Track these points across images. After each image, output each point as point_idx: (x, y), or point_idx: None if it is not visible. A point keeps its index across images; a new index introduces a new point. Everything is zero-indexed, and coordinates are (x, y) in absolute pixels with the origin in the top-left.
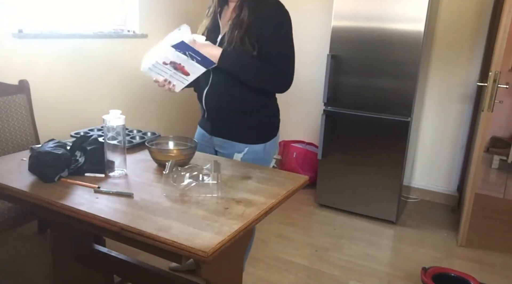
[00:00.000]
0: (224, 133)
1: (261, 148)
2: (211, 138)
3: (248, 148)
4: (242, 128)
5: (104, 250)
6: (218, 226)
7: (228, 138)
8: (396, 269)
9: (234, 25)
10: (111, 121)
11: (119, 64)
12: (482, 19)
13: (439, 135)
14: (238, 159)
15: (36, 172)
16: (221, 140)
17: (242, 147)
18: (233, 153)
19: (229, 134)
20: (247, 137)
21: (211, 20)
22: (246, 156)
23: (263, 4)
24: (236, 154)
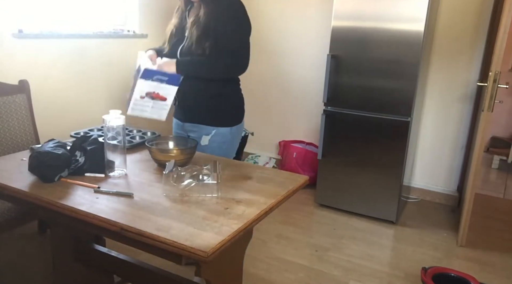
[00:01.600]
0: (194, 118)
1: (227, 131)
2: (183, 125)
3: (215, 130)
4: (209, 112)
5: (104, 250)
6: (218, 226)
7: (197, 122)
8: (396, 269)
9: (192, 24)
10: (111, 121)
11: (119, 64)
12: (482, 19)
13: (439, 135)
14: (206, 141)
15: (36, 172)
16: (191, 125)
17: (210, 129)
18: (202, 135)
19: (198, 118)
20: (214, 120)
21: (179, 18)
22: (213, 137)
23: (217, 2)
24: (204, 136)
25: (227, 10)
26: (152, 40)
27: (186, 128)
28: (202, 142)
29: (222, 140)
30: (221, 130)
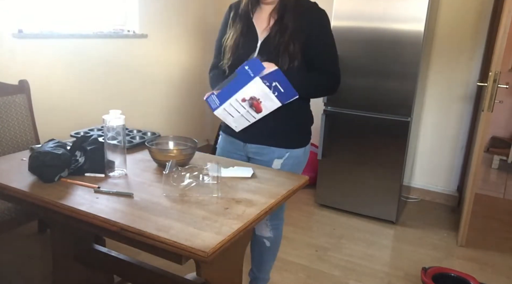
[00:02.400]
0: (262, 140)
1: (301, 152)
2: (245, 146)
3: (289, 153)
4: (282, 133)
5: (104, 250)
6: (218, 226)
7: (267, 144)
8: (396, 269)
9: (277, 30)
10: (111, 121)
11: (119, 64)
12: (482, 19)
13: (439, 135)
14: (278, 164)
15: (36, 172)
16: (258, 147)
17: (283, 152)
18: (273, 159)
19: (268, 140)
20: (288, 142)
21: (243, 24)
22: (286, 160)
23: (303, 8)
24: (276, 159)
25: (320, 17)
26: (152, 40)
27: (249, 150)
28: (274, 165)
29: (295, 162)
30: (295, 152)
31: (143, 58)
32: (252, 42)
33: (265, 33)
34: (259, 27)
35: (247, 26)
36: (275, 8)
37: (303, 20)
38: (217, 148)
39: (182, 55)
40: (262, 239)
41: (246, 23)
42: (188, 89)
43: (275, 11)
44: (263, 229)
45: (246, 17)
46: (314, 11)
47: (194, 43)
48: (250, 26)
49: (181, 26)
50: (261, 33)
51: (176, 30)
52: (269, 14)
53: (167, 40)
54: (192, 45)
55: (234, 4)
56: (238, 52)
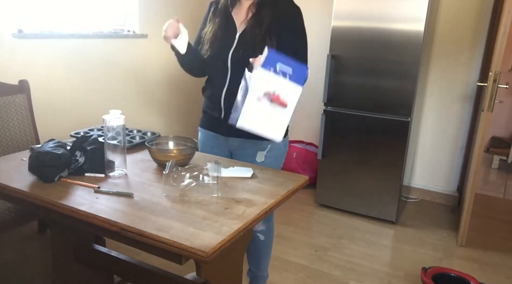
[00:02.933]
0: (244, 133)
1: (282, 143)
2: (226, 140)
3: (271, 145)
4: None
5: (104, 250)
6: (218, 226)
7: (249, 137)
8: (396, 269)
9: (254, 23)
10: (111, 121)
11: (119, 64)
12: (482, 19)
13: (439, 135)
14: (262, 156)
15: (36, 172)
16: (240, 140)
17: (265, 144)
18: (256, 151)
19: (250, 134)
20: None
21: (222, 17)
22: (269, 152)
23: (280, 3)
24: (259, 152)
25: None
26: (152, 40)
27: (231, 144)
28: (258, 158)
29: (278, 154)
30: (276, 143)
31: (143, 58)
32: (230, 34)
33: (243, 26)
34: (238, 20)
35: (226, 19)
36: (253, 2)
37: (279, 16)
38: (199, 143)
39: None
40: (256, 234)
41: (225, 16)
42: (188, 89)
43: (253, 5)
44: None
45: (225, 11)
46: (290, 8)
47: None
48: (228, 20)
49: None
50: (239, 25)
51: None
52: (248, 8)
53: None
54: None
55: (214, 1)
56: (216, 44)
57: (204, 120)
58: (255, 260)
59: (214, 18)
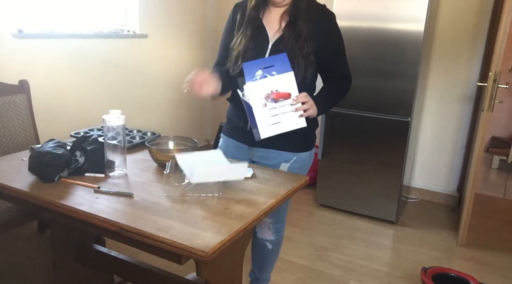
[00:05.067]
0: (270, 144)
1: (307, 155)
2: (250, 150)
3: (296, 157)
4: (290, 137)
5: (104, 250)
6: (218, 226)
7: (274, 148)
8: (396, 269)
9: (292, 33)
10: (111, 121)
11: (119, 64)
12: (482, 19)
13: (439, 135)
14: (285, 168)
15: (36, 172)
16: (264, 151)
17: (290, 155)
18: (280, 162)
19: (276, 144)
20: (295, 145)
21: (253, 27)
22: (293, 164)
23: (314, 11)
24: (283, 163)
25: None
26: (152, 40)
27: (255, 154)
28: (281, 169)
29: (301, 166)
30: (302, 156)
31: (143, 58)
32: (262, 44)
33: (277, 35)
34: (270, 29)
35: (257, 28)
36: (287, 10)
37: (315, 25)
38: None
39: (182, 55)
40: (264, 242)
41: (255, 25)
42: None
43: (287, 13)
44: (265, 232)
45: (255, 19)
46: (325, 15)
47: (194, 43)
48: (260, 28)
49: (181, 26)
50: (272, 35)
51: (176, 30)
52: (280, 16)
53: (167, 40)
54: (192, 45)
55: (240, 3)
56: (248, 55)
57: (229, 128)
58: (260, 265)
59: (244, 27)
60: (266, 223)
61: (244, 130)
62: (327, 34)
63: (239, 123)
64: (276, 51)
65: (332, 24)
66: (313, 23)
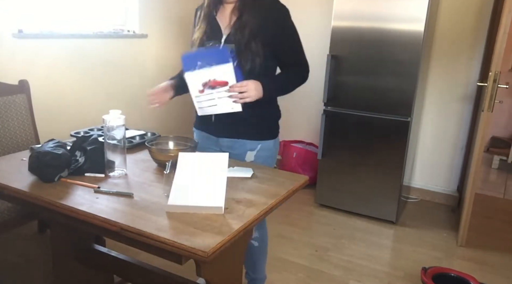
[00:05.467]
0: (233, 133)
1: (272, 144)
2: (217, 141)
3: (261, 145)
4: (253, 125)
5: (104, 250)
6: (218, 226)
7: (238, 137)
8: (396, 269)
9: (237, 28)
10: (111, 121)
11: (119, 64)
12: (482, 19)
13: (439, 135)
14: (251, 157)
15: (36, 172)
16: (230, 140)
17: (255, 144)
18: (245, 151)
19: (239, 133)
20: (259, 133)
21: (207, 23)
22: (259, 153)
23: (263, 5)
24: (248, 152)
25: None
26: (152, 40)
27: (222, 144)
28: (247, 158)
29: (268, 155)
30: (266, 144)
31: (143, 58)
32: (216, 39)
33: (228, 30)
34: (223, 24)
35: (211, 24)
36: (236, 6)
37: (265, 18)
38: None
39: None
40: (250, 241)
41: (209, 21)
42: None
43: (236, 8)
44: None
45: (209, 16)
46: (275, 9)
47: None
48: (213, 24)
49: (181, 26)
50: (224, 30)
51: (176, 30)
52: (231, 11)
53: (167, 40)
54: None
55: (200, 6)
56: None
57: (197, 121)
58: (251, 264)
59: (200, 24)
60: None
61: (210, 122)
62: (276, 26)
63: (206, 116)
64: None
65: (282, 16)
66: (261, 17)
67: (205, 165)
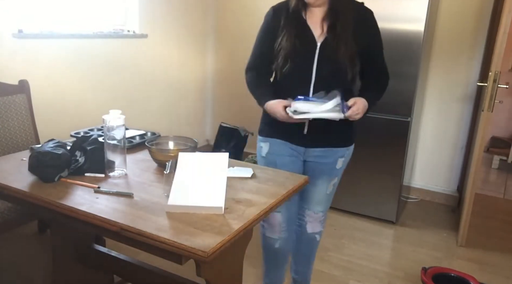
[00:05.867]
0: (326, 143)
1: (352, 147)
2: (306, 151)
3: (348, 150)
4: (343, 132)
5: (104, 250)
6: (218, 226)
7: (330, 146)
8: (396, 269)
9: (335, 37)
10: (111, 121)
11: (119, 64)
12: (482, 19)
13: (439, 135)
14: (341, 163)
15: (36, 172)
16: (321, 150)
17: (344, 150)
18: (337, 159)
19: (332, 142)
20: (348, 139)
21: (298, 26)
22: (345, 158)
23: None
24: (339, 159)
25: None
26: (152, 40)
27: (313, 154)
28: (338, 165)
29: (349, 158)
30: (350, 148)
31: (143, 58)
32: (310, 46)
33: (322, 38)
34: (315, 30)
35: (302, 28)
36: (327, 13)
37: (356, 25)
38: (262, 154)
39: (182, 55)
40: (314, 236)
41: (300, 25)
42: (188, 89)
43: (328, 15)
44: (316, 226)
45: (298, 19)
46: (363, 13)
47: (194, 43)
48: (305, 29)
49: (181, 26)
50: (318, 37)
51: (176, 30)
52: (321, 18)
53: (167, 40)
54: (192, 45)
55: (278, 6)
56: (296, 57)
57: (277, 131)
58: (308, 259)
59: (288, 27)
60: (318, 216)
61: (301, 133)
62: (367, 33)
63: (293, 127)
64: (324, 54)
65: (371, 22)
66: (353, 24)
67: (205, 165)
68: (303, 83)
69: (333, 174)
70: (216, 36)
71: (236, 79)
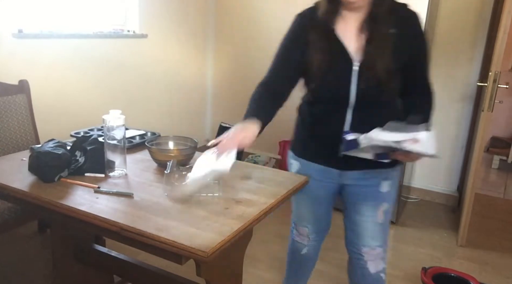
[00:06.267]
0: (364, 165)
1: (399, 168)
2: (341, 174)
3: (396, 172)
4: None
5: (104, 250)
6: (218, 226)
7: (370, 167)
8: (396, 269)
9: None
10: (111, 121)
11: (119, 64)
12: (482, 19)
13: (439, 135)
14: (387, 186)
15: (36, 172)
16: (359, 173)
17: (388, 171)
18: (380, 181)
19: (369, 164)
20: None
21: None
22: (392, 181)
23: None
24: (383, 181)
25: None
26: (152, 40)
27: (349, 177)
28: (383, 188)
29: (397, 181)
30: (396, 169)
31: (143, 58)
32: (344, 64)
33: (359, 53)
34: (349, 44)
35: (333, 41)
36: (365, 19)
37: (401, 34)
38: (292, 170)
39: (182, 55)
40: (379, 274)
41: (331, 38)
42: (188, 89)
43: (366, 23)
44: (379, 263)
45: (327, 31)
46: (409, 19)
47: (194, 43)
48: (336, 43)
49: (181, 26)
50: (354, 54)
51: (176, 30)
52: (358, 27)
53: (167, 40)
54: (192, 45)
55: (306, 13)
56: (330, 76)
57: (309, 152)
58: None
59: (317, 40)
60: (378, 252)
61: (335, 156)
62: (413, 42)
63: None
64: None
65: (417, 29)
66: (397, 32)
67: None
68: (341, 103)
69: (379, 198)
70: (216, 36)
71: (236, 79)
